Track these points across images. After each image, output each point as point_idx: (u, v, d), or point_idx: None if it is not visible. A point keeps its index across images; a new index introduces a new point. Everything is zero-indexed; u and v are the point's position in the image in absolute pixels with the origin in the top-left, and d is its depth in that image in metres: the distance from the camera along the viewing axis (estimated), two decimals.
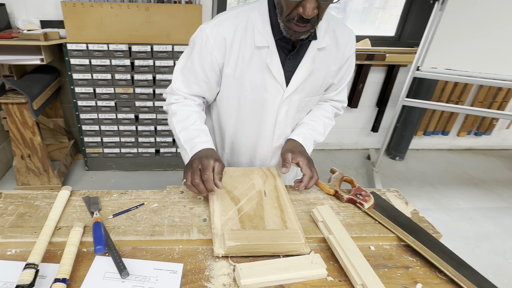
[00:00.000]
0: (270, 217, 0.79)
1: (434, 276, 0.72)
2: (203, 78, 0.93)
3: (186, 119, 0.93)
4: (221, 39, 0.86)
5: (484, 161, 3.03)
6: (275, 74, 0.89)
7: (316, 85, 0.96)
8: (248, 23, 0.86)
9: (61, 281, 0.63)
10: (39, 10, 2.16)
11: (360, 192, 0.92)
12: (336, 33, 0.93)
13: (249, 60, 0.88)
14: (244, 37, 0.87)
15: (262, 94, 0.92)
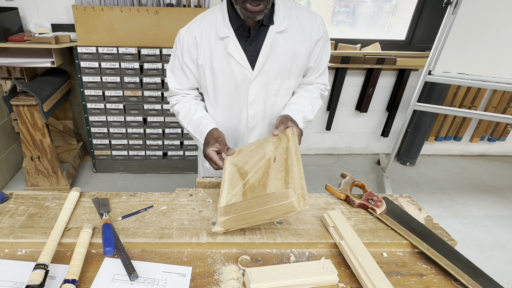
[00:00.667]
0: (273, 183, 0.75)
1: (449, 284, 0.70)
2: (189, 72, 1.07)
3: (188, 113, 1.08)
4: (192, 37, 1.01)
5: (498, 168, 2.96)
6: (238, 59, 0.99)
7: (284, 67, 1.03)
8: (212, 20, 1.00)
9: (70, 282, 0.62)
10: (51, 14, 2.20)
11: (372, 197, 0.90)
12: (299, 18, 1.01)
13: (215, 50, 1.00)
14: (209, 32, 1.00)
15: (232, 79, 1.03)
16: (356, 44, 2.55)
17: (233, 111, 1.10)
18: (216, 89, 1.06)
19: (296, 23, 1.00)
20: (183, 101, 1.11)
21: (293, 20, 1.00)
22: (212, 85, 1.06)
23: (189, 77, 1.08)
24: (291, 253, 0.76)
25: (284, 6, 0.99)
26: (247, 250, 0.76)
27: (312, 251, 0.77)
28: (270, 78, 1.03)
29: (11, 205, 0.83)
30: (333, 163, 2.88)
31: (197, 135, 1.04)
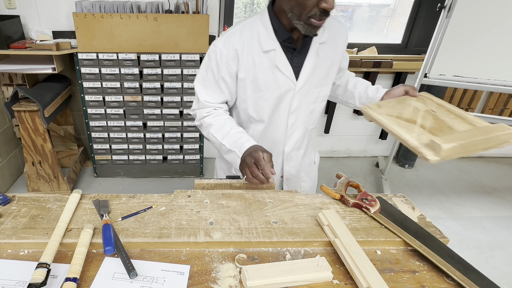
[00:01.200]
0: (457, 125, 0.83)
1: (441, 280, 0.71)
2: (224, 86, 1.03)
3: (224, 126, 1.04)
4: (233, 50, 0.98)
5: (497, 169, 2.97)
6: (284, 71, 0.99)
7: (323, 76, 1.07)
8: (254, 33, 0.98)
9: (72, 280, 0.64)
10: (52, 21, 2.24)
11: (366, 197, 0.92)
12: (333, 28, 1.05)
13: (259, 64, 0.99)
14: (252, 45, 0.98)
15: (276, 91, 1.02)
16: (353, 48, 2.58)
17: (272, 121, 1.09)
18: (257, 101, 1.05)
19: (332, 33, 1.04)
20: (216, 114, 1.07)
21: (330, 30, 1.03)
22: (253, 98, 1.04)
23: (224, 91, 1.04)
24: (287, 251, 0.77)
25: None
26: (244, 248, 0.77)
27: (308, 250, 0.78)
28: (311, 87, 1.05)
29: (14, 207, 0.85)
30: (332, 166, 2.90)
31: (235, 148, 0.99)
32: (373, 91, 1.14)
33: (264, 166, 0.90)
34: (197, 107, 1.11)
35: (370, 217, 0.88)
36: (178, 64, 2.19)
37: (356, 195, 0.93)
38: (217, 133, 1.04)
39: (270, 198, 0.93)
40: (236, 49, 0.98)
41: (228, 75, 1.01)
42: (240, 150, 0.98)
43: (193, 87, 2.41)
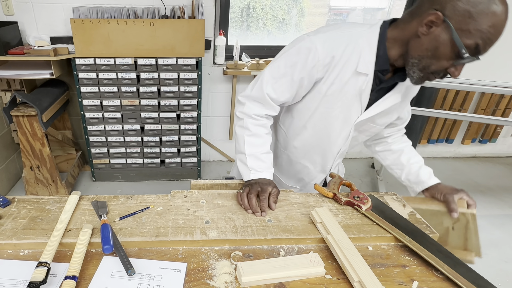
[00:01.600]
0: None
1: (430, 274, 0.74)
2: (297, 87, 0.94)
3: (257, 143, 1.00)
4: (330, 56, 0.88)
5: (490, 169, 3.01)
6: (362, 100, 0.94)
7: (387, 117, 1.03)
8: (356, 47, 0.87)
9: (71, 278, 0.66)
10: (49, 27, 2.27)
11: (358, 195, 0.94)
12: None
13: (346, 82, 0.90)
14: (348, 59, 0.88)
15: (342, 112, 0.97)
16: None
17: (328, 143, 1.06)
18: (322, 116, 0.98)
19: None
20: (260, 123, 1.00)
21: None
22: (319, 111, 0.98)
23: (292, 92, 0.95)
24: (281, 248, 0.79)
25: None
26: (239, 246, 0.79)
27: (301, 246, 0.81)
28: (369, 121, 1.01)
29: (14, 209, 0.87)
30: None
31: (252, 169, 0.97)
32: (425, 174, 1.09)
33: (265, 199, 0.89)
34: (255, 95, 0.98)
35: (362, 214, 0.90)
36: (174, 68, 2.22)
37: (348, 194, 0.96)
38: (248, 144, 0.99)
39: None
40: (333, 57, 0.87)
41: (308, 79, 0.91)
42: (256, 174, 0.96)
43: (189, 91, 2.45)
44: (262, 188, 0.92)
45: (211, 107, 2.74)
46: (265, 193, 0.90)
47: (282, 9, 2.69)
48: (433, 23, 0.77)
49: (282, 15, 2.71)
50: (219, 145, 2.92)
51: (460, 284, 0.70)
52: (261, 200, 0.89)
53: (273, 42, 2.73)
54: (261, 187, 0.92)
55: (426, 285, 0.70)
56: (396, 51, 0.86)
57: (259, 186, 0.92)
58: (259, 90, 0.97)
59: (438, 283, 0.71)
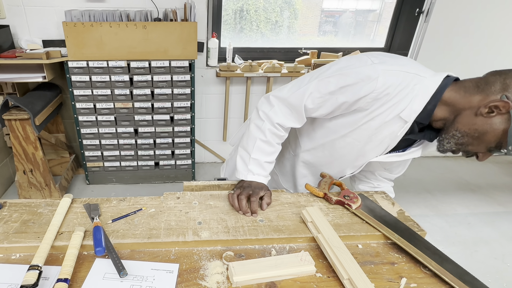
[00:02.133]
0: None
1: (418, 271, 0.75)
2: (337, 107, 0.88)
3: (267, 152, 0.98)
4: (386, 93, 0.82)
5: (480, 167, 3.06)
6: (391, 144, 0.92)
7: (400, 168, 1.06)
8: (411, 92, 0.81)
9: (63, 281, 0.66)
10: (42, 31, 2.26)
11: (348, 194, 0.96)
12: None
13: (385, 122, 0.86)
14: (399, 102, 0.82)
15: (363, 148, 0.95)
16: (337, 52, 2.65)
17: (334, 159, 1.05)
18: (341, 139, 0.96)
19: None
20: (276, 133, 0.96)
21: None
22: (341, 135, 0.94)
23: (329, 109, 0.89)
24: (272, 248, 0.80)
25: None
26: (231, 246, 0.80)
27: (292, 245, 0.82)
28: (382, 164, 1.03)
29: (5, 212, 0.87)
30: None
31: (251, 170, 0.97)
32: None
33: (255, 200, 0.89)
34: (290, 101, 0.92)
35: (352, 213, 0.92)
36: (167, 71, 2.23)
37: (339, 193, 0.98)
38: (257, 146, 0.96)
39: None
40: (388, 94, 0.81)
41: (351, 104, 0.86)
42: (253, 176, 0.96)
43: (183, 93, 2.44)
44: (254, 191, 0.93)
45: (205, 109, 2.74)
46: (256, 195, 0.91)
47: (275, 11, 2.71)
48: (498, 109, 0.74)
49: (275, 17, 2.73)
50: (213, 147, 2.92)
51: (447, 280, 0.71)
52: (251, 202, 0.90)
53: (266, 44, 2.75)
54: (253, 190, 0.93)
55: (414, 282, 0.72)
56: (443, 113, 0.82)
57: (250, 189, 0.93)
58: (298, 98, 0.90)
59: (426, 279, 0.73)
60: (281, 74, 2.51)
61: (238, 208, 0.89)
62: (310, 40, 2.86)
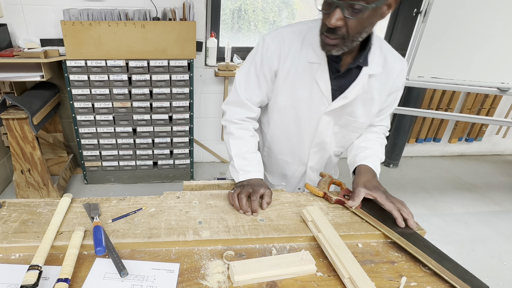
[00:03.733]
0: None
1: (418, 269, 0.76)
2: (264, 82, 1.01)
3: (242, 145, 1.03)
4: (279, 48, 0.95)
5: (476, 167, 3.09)
6: (322, 88, 0.96)
7: (361, 108, 1.01)
8: (305, 40, 0.94)
9: (63, 281, 0.66)
10: (40, 30, 2.25)
11: (348, 193, 0.96)
12: (388, 61, 0.97)
13: (301, 73, 0.95)
14: (298, 52, 0.94)
15: (308, 104, 1.00)
16: None
17: (300, 133, 1.07)
18: (287, 109, 1.02)
19: (385, 69, 0.97)
20: (243, 126, 1.05)
21: (384, 66, 0.96)
22: (284, 103, 1.01)
23: (262, 88, 1.01)
24: (273, 247, 0.81)
25: (380, 48, 0.96)
26: (232, 246, 0.80)
27: (293, 245, 0.82)
28: (343, 113, 1.01)
29: (4, 212, 0.86)
30: None
31: (240, 170, 0.99)
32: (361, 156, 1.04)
33: (255, 199, 0.90)
34: (230, 101, 1.06)
35: (351, 212, 0.92)
36: (166, 70, 2.22)
37: (338, 192, 0.98)
38: (233, 147, 1.03)
39: None
40: (282, 48, 0.95)
41: (268, 71, 0.98)
42: (244, 175, 0.98)
43: (181, 93, 2.45)
44: (254, 189, 0.93)
45: (203, 108, 2.74)
46: (256, 193, 0.91)
47: (273, 11, 2.71)
48: None
49: (273, 17, 2.73)
50: (212, 146, 2.92)
51: (446, 278, 0.72)
52: (252, 201, 0.90)
53: None
54: (253, 188, 0.93)
55: (414, 281, 0.72)
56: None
57: (250, 188, 0.93)
58: (235, 95, 1.04)
59: (426, 278, 0.73)
60: None
61: (239, 207, 0.89)
62: None
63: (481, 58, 1.99)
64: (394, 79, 0.98)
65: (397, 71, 0.98)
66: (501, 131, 3.16)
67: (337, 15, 0.78)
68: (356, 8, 0.76)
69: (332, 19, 0.79)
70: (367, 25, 0.82)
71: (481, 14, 1.90)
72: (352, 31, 0.81)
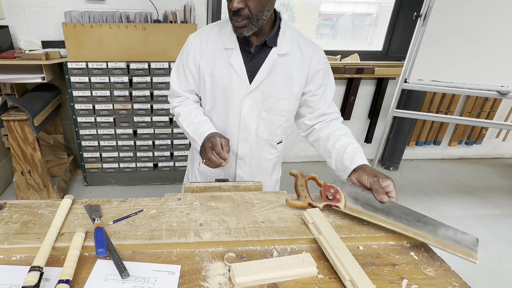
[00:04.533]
0: None
1: (419, 272, 0.76)
2: (189, 75, 1.12)
3: (189, 115, 1.12)
4: (199, 42, 1.08)
5: (476, 170, 3.09)
6: (238, 71, 1.05)
7: (280, 88, 1.07)
8: (222, 31, 1.07)
9: (64, 282, 0.66)
10: (41, 31, 2.25)
11: (328, 190, 0.91)
12: (301, 46, 1.07)
13: (218, 59, 1.06)
14: (216, 41, 1.07)
15: (229, 88, 1.08)
16: (336, 55, 2.67)
17: (227, 120, 1.14)
18: (214, 96, 1.11)
19: (297, 50, 1.06)
20: (185, 104, 1.16)
21: (294, 46, 1.06)
22: (211, 91, 1.11)
23: (189, 80, 1.13)
24: (274, 249, 0.81)
25: (289, 32, 1.06)
26: (233, 248, 0.80)
27: (294, 247, 0.82)
28: (265, 96, 1.08)
29: (5, 213, 0.86)
30: (320, 170, 2.95)
31: (195, 137, 1.06)
32: (348, 159, 1.03)
33: (219, 150, 0.96)
34: (169, 94, 1.21)
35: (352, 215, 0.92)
36: (167, 72, 2.23)
37: (320, 194, 0.93)
38: (184, 121, 1.12)
39: (257, 199, 0.97)
40: (201, 41, 1.07)
41: (193, 65, 1.10)
42: (200, 138, 1.04)
43: None
44: (212, 142, 0.98)
45: None
46: (217, 145, 0.97)
47: None
48: None
49: None
50: None
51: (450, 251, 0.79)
52: (217, 153, 0.96)
53: None
54: (211, 141, 0.98)
55: (415, 283, 0.72)
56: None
57: (209, 142, 0.99)
58: (171, 89, 1.18)
59: (427, 280, 0.74)
60: None
61: (214, 165, 0.96)
62: None
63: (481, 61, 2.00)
64: (309, 60, 1.07)
65: (310, 52, 1.08)
66: (501, 134, 3.17)
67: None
68: None
69: (234, 3, 0.90)
70: (265, 3, 0.93)
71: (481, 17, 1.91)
72: (254, 10, 0.92)
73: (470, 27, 1.95)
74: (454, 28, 1.96)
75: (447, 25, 1.96)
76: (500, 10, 1.90)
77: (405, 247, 0.84)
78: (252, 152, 1.19)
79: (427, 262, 0.79)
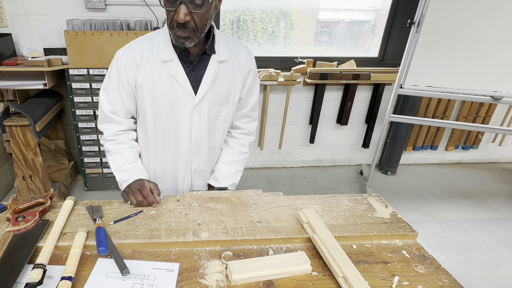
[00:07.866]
0: None
1: (410, 269, 0.79)
2: (125, 93, 1.06)
3: (119, 158, 1.09)
4: (131, 57, 1.02)
5: (473, 174, 3.11)
6: (181, 82, 1.02)
7: (223, 94, 1.08)
8: (154, 45, 1.02)
9: (67, 279, 0.69)
10: (43, 39, 2.30)
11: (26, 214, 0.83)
12: (236, 50, 1.09)
13: (157, 73, 1.01)
14: (151, 56, 1.02)
15: (174, 102, 1.04)
16: (333, 61, 2.72)
17: (177, 136, 1.09)
18: (155, 112, 1.06)
19: (233, 54, 1.07)
20: (118, 141, 1.10)
21: (231, 52, 1.07)
22: (152, 108, 1.05)
23: (124, 100, 1.06)
24: (270, 248, 0.83)
25: (222, 39, 1.06)
26: (230, 247, 0.83)
27: (289, 246, 0.85)
28: (211, 104, 1.06)
29: (9, 215, 0.89)
30: (319, 175, 2.98)
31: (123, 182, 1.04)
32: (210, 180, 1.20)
33: (148, 193, 0.95)
34: (100, 120, 1.12)
35: (346, 215, 0.94)
36: None
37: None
38: (112, 162, 1.09)
39: (254, 200, 1.00)
40: (135, 57, 1.01)
41: (127, 83, 1.04)
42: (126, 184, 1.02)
43: None
44: (140, 185, 0.98)
45: None
46: (145, 187, 0.97)
47: (272, 21, 2.78)
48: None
49: (271, 28, 2.80)
50: None
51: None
52: (145, 196, 0.95)
53: (263, 54, 2.81)
54: (139, 185, 0.98)
55: (406, 280, 0.75)
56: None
57: (136, 185, 0.98)
58: (100, 112, 1.10)
59: (418, 277, 0.76)
60: (278, 82, 2.57)
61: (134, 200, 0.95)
62: (306, 49, 2.92)
63: (474, 67, 2.05)
64: (244, 63, 1.09)
65: (244, 55, 1.10)
66: (497, 139, 3.20)
67: (184, 11, 0.88)
68: (198, 3, 0.87)
69: (180, 15, 0.88)
70: (209, 17, 0.93)
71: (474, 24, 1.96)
72: (199, 23, 0.92)
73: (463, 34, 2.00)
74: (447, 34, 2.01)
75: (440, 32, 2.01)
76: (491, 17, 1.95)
77: (397, 246, 0.86)
78: (205, 163, 1.18)
79: (418, 260, 0.81)
